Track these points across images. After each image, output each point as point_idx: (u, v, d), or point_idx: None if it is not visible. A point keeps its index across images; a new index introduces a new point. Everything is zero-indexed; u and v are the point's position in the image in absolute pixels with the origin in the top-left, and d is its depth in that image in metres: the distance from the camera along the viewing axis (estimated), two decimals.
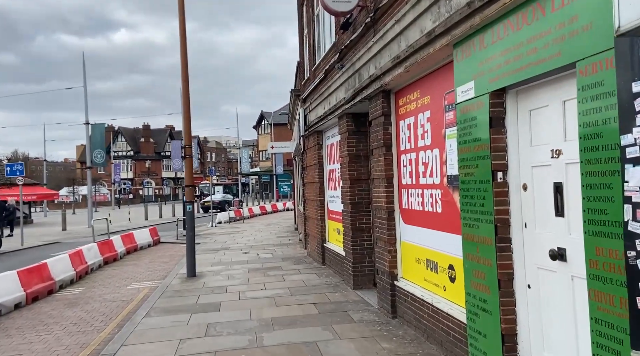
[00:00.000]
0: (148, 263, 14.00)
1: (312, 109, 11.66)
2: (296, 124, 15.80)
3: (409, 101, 6.39)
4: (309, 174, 12.97)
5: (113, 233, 24.97)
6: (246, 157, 59.11)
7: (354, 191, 8.87)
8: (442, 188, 5.48)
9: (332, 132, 10.88)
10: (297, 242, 16.73)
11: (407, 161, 6.51)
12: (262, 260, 12.93)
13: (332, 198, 11.01)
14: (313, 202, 12.54)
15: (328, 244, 11.35)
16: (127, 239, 16.31)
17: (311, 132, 12.07)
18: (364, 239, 8.86)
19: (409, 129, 6.42)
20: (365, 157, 8.90)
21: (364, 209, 8.88)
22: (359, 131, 8.91)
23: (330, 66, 9.44)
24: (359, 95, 7.76)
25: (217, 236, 20.12)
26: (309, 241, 13.33)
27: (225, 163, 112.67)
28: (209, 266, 12.22)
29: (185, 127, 11.12)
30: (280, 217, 31.05)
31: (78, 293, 10.09)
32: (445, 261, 5.46)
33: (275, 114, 66.76)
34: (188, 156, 11.16)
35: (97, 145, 29.69)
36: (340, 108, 8.95)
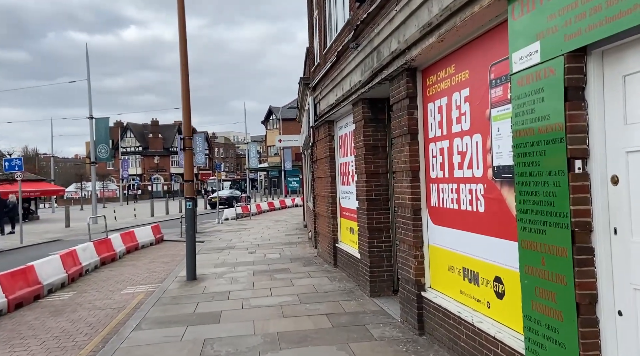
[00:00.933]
0: (148, 263, 13.12)
1: (323, 97, 10.65)
2: (305, 115, 14.81)
3: (440, 79, 5.37)
4: (320, 168, 11.98)
5: (117, 230, 24.23)
6: (254, 153, 58.19)
7: (371, 186, 7.87)
8: (486, 182, 4.47)
9: (345, 121, 9.87)
10: (306, 241, 15.77)
11: (437, 150, 5.50)
12: (269, 261, 11.98)
13: (345, 193, 10.02)
14: (324, 198, 11.56)
15: (340, 244, 10.37)
16: (127, 237, 15.45)
17: (322, 122, 11.07)
18: (382, 241, 7.86)
19: (439, 112, 5.41)
20: (383, 148, 7.90)
21: (382, 206, 7.88)
22: (377, 118, 7.90)
23: (344, 47, 8.43)
24: (377, 76, 6.74)
25: (222, 234, 19.23)
26: (320, 240, 12.37)
27: (233, 159, 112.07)
28: (212, 268, 11.30)
29: (184, 118, 10.17)
30: (288, 213, 30.13)
31: (67, 299, 9.20)
32: (489, 272, 4.46)
33: (284, 108, 65.85)
34: (187, 149, 10.22)
35: (102, 140, 28.94)
36: (355, 93, 7.94)
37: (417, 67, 5.82)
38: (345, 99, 8.60)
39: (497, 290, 4.33)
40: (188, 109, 10.19)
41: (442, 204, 5.42)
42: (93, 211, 29.34)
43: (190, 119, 10.25)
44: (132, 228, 23.25)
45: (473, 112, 4.68)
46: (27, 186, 35.70)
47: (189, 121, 10.25)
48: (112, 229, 24.55)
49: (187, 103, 10.17)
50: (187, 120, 10.21)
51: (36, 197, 38.24)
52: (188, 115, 10.20)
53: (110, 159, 30.46)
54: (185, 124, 10.21)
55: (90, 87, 28.59)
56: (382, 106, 7.89)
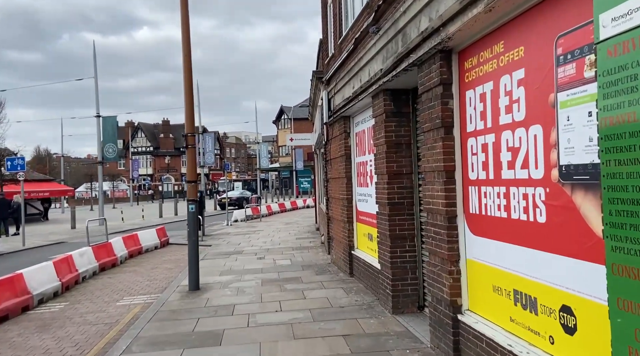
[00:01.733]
0: (150, 269, 12.34)
1: (338, 91, 9.77)
2: (318, 112, 13.94)
3: (483, 61, 4.46)
4: (334, 168, 11.10)
5: (123, 232, 23.57)
6: (265, 153, 57.44)
7: (393, 188, 6.97)
8: (549, 186, 3.55)
9: (362, 116, 8.98)
10: (318, 245, 14.90)
11: (478, 146, 4.59)
12: (278, 268, 11.12)
13: (363, 196, 9.12)
14: (338, 201, 10.67)
15: (357, 251, 9.48)
16: (130, 241, 14.70)
17: (336, 118, 10.19)
18: (406, 250, 6.95)
19: (482, 100, 4.50)
20: (407, 145, 6.99)
21: (405, 211, 6.97)
22: (400, 112, 6.99)
23: (362, 33, 7.54)
24: (402, 62, 5.84)
25: (231, 237, 18.42)
26: (333, 246, 11.48)
27: (245, 159, 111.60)
28: (217, 276, 10.46)
29: (187, 114, 9.35)
30: (300, 215, 29.28)
31: (57, 311, 8.43)
32: (553, 299, 3.54)
33: (295, 108, 65.08)
34: (190, 147, 9.40)
35: (109, 139, 28.33)
36: (375, 83, 7.05)
37: (453, 49, 4.91)
38: (364, 91, 7.71)
39: (565, 323, 3.42)
40: (191, 105, 9.37)
41: (484, 211, 4.51)
42: (100, 212, 28.73)
43: (193, 115, 9.44)
44: (139, 230, 22.57)
45: (530, 99, 3.76)
46: (35, 187, 35.34)
47: (192, 117, 9.43)
48: (118, 232, 23.93)
49: (190, 98, 9.35)
50: (190, 116, 9.39)
51: (44, 198, 37.82)
52: (191, 111, 9.39)
53: (118, 158, 29.86)
54: (188, 121, 9.39)
55: (97, 85, 28.01)
56: (406, 98, 6.98)
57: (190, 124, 9.41)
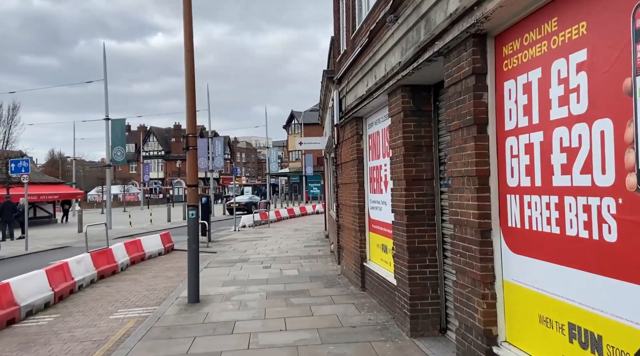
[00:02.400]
0: (150, 278, 11.68)
1: (350, 90, 9.06)
2: (328, 114, 13.25)
3: (528, 44, 3.73)
4: (345, 173, 10.37)
5: (129, 236, 23.03)
6: (275, 157, 56.92)
7: (412, 196, 6.22)
8: (623, 195, 2.80)
9: (376, 117, 8.26)
10: (328, 254, 14.15)
11: (520, 147, 3.85)
12: (285, 279, 10.40)
13: (376, 203, 8.39)
14: (349, 208, 9.94)
15: (369, 263, 8.73)
16: (132, 247, 14.09)
17: (348, 119, 9.47)
18: (427, 265, 6.20)
19: (526, 91, 3.76)
20: (428, 147, 6.25)
21: (425, 221, 6.22)
22: (420, 110, 6.26)
23: (378, 24, 6.83)
24: (425, 52, 5.12)
25: (237, 243, 17.75)
26: (344, 256, 10.73)
27: (255, 164, 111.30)
28: (219, 287, 9.77)
29: (188, 113, 8.69)
30: (309, 221, 28.56)
31: (45, 324, 7.78)
32: (627, 340, 2.78)
33: (306, 113, 64.51)
34: (192, 148, 8.74)
35: (117, 142, 27.94)
36: (392, 79, 6.33)
37: (488, 32, 4.18)
38: (379, 88, 6.99)
39: None
40: (193, 104, 8.72)
41: (528, 224, 3.75)
42: (108, 215, 28.28)
43: (194, 116, 8.78)
44: (145, 235, 22.01)
45: (595, 86, 3.02)
46: (45, 189, 35.06)
47: (194, 118, 8.77)
48: (124, 236, 23.39)
49: (192, 97, 8.70)
50: (192, 116, 8.73)
51: (53, 201, 37.54)
52: (193, 111, 8.74)
53: (126, 162, 29.49)
54: (189, 121, 8.73)
55: (106, 88, 27.63)
56: (427, 95, 6.25)
57: (192, 124, 8.75)
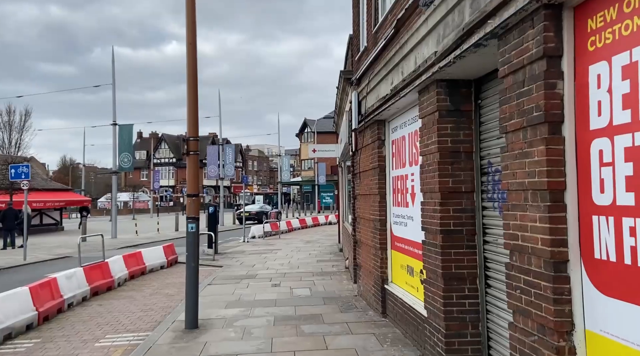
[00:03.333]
0: (148, 295, 10.73)
1: (372, 90, 8.09)
2: (344, 119, 12.30)
3: (628, 13, 2.72)
4: (363, 183, 9.37)
5: (134, 246, 22.21)
6: (287, 166, 56.04)
7: (448, 212, 5.20)
8: None
9: (402, 119, 7.27)
10: (342, 270, 13.10)
11: (616, 151, 2.83)
12: (296, 301, 9.38)
13: (400, 218, 7.37)
14: (368, 222, 8.93)
15: (392, 286, 7.69)
16: (131, 260, 13.17)
17: (369, 123, 8.49)
18: (466, 295, 5.15)
19: (626, 76, 2.75)
20: (467, 154, 5.24)
21: (464, 241, 5.19)
22: (458, 110, 5.25)
23: (408, 11, 5.89)
24: (472, 35, 4.14)
25: (245, 256, 16.78)
26: (361, 275, 9.69)
27: (267, 172, 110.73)
28: (222, 309, 8.79)
29: (190, 114, 7.78)
30: (321, 232, 27.51)
31: (22, 352, 6.85)
32: None
33: (319, 121, 63.70)
34: (192, 153, 7.80)
35: (125, 148, 27.22)
36: (424, 73, 5.34)
37: (564, 3, 3.18)
38: (408, 86, 6.00)
39: None
40: (195, 103, 7.81)
41: (630, 258, 2.72)
42: (113, 224, 27.56)
43: (197, 116, 7.86)
44: (151, 245, 21.15)
45: None
46: (51, 196, 34.51)
47: (196, 119, 7.86)
48: (129, 246, 22.57)
49: (194, 95, 7.80)
50: (194, 117, 7.82)
51: (61, 207, 36.99)
52: (195, 111, 7.82)
53: (133, 168, 28.76)
54: (191, 121, 7.81)
55: (114, 93, 27.02)
56: (467, 91, 5.25)
57: (193, 126, 7.83)
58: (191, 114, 7.76)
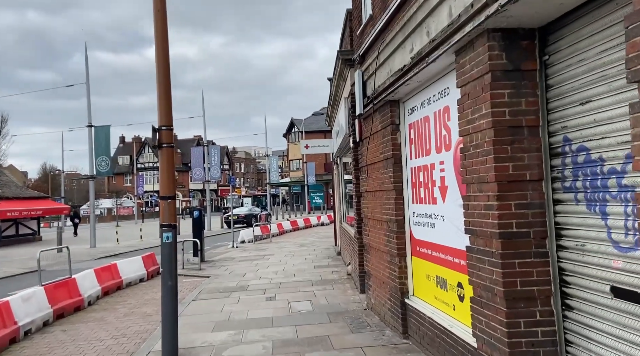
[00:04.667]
0: (123, 316, 9.23)
1: (382, 64, 6.70)
2: (342, 108, 10.90)
3: None
4: (372, 177, 7.98)
5: (115, 256, 20.60)
6: (275, 167, 54.50)
7: (508, 208, 3.83)
8: None
9: (424, 97, 5.90)
10: (344, 278, 11.71)
11: None
12: (295, 318, 7.97)
13: (424, 217, 6.00)
14: (380, 223, 7.55)
15: (415, 301, 6.31)
16: (105, 274, 11.64)
17: (378, 105, 7.11)
18: (538, 321, 3.78)
19: None
20: (532, 129, 3.87)
21: (532, 248, 3.82)
22: (518, 70, 3.88)
23: None
24: None
25: (235, 264, 15.31)
26: (372, 285, 8.30)
27: (254, 174, 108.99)
28: (209, 332, 7.35)
29: (161, 98, 6.31)
30: (314, 234, 26.10)
31: None
32: None
33: (307, 120, 62.29)
34: (166, 146, 6.34)
35: (101, 151, 25.55)
36: (468, 23, 3.97)
37: None
38: (439, 46, 4.62)
39: None
40: (167, 87, 6.34)
41: None
42: (91, 232, 25.87)
43: (170, 101, 6.40)
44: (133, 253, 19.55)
45: None
46: (27, 205, 32.63)
47: (168, 105, 6.39)
48: (108, 256, 20.96)
49: (166, 77, 6.34)
50: (166, 103, 6.35)
51: (38, 217, 35.06)
52: (167, 95, 6.36)
53: (111, 173, 27.04)
54: (163, 108, 6.33)
55: (89, 92, 25.34)
56: (529, 44, 3.88)
57: (166, 113, 6.36)
58: (162, 97, 6.30)
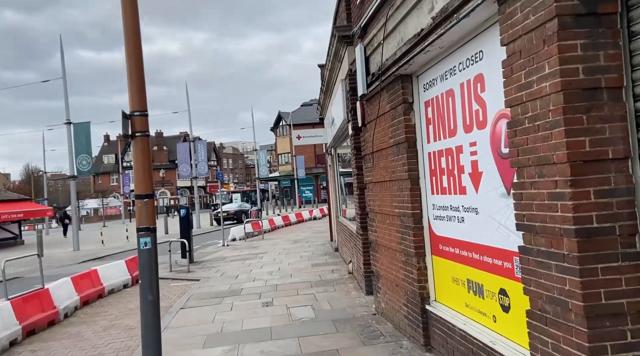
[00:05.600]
0: (102, 330, 8.23)
1: (390, 33, 5.74)
2: (338, 91, 9.93)
3: None
4: (379, 166, 7.03)
5: (98, 259, 19.50)
6: (264, 161, 53.41)
7: (586, 197, 2.91)
8: None
9: (446, 67, 4.95)
10: (346, 276, 10.80)
11: None
12: (297, 328, 7.04)
13: (447, 210, 5.08)
14: (389, 217, 6.62)
15: (438, 307, 5.41)
16: (84, 281, 10.60)
17: (386, 82, 6.15)
18: (629, 344, 2.88)
19: None
20: (615, 91, 2.95)
21: (618, 248, 2.92)
22: (594, 14, 2.95)
23: None
24: None
25: (226, 264, 14.33)
26: (381, 287, 7.38)
27: (242, 169, 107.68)
28: (199, 349, 6.40)
29: (131, 80, 5.28)
30: (308, 229, 25.19)
31: None
32: None
33: (295, 113, 61.15)
34: (140, 135, 5.32)
35: (82, 149, 24.30)
36: None
37: None
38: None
39: None
40: (139, 66, 5.32)
41: None
42: (74, 234, 24.65)
43: (143, 81, 5.37)
44: (117, 256, 18.54)
45: None
46: (6, 208, 31.21)
47: (142, 85, 5.36)
48: (92, 259, 19.84)
49: (137, 47, 5.31)
50: (138, 84, 5.32)
51: (20, 220, 33.63)
52: (139, 76, 5.33)
53: (92, 172, 25.81)
54: (134, 89, 5.30)
55: (66, 87, 24.03)
56: None
57: (139, 96, 5.32)
58: (134, 76, 5.27)
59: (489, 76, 4.11)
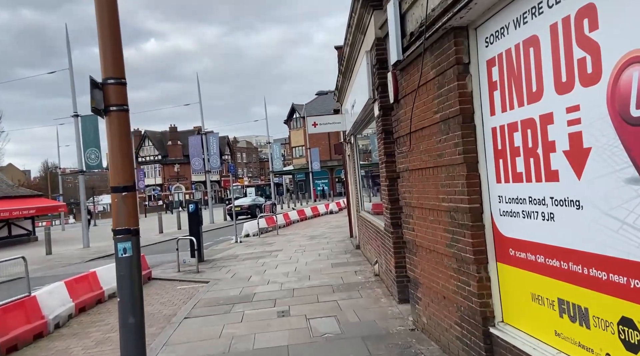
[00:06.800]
0: (93, 346, 7.09)
1: None
2: (363, 65, 8.59)
3: None
4: (418, 150, 5.71)
5: (109, 256, 18.55)
6: (278, 154, 52.20)
7: None
8: None
9: (525, 5, 3.61)
10: (372, 279, 9.51)
11: None
12: (319, 349, 5.78)
13: (529, 203, 3.76)
14: (433, 213, 5.32)
15: (511, 333, 4.09)
16: (81, 285, 9.50)
17: (431, 40, 4.82)
18: None
19: None
20: None
21: None
22: None
23: None
24: None
25: (238, 264, 13.16)
26: (421, 298, 6.09)
27: (256, 163, 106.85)
28: None
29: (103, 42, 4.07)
30: (325, 224, 23.95)
31: None
32: None
33: (309, 104, 59.83)
34: (116, 108, 4.10)
35: (90, 143, 23.32)
36: None
37: None
38: None
39: None
40: (114, 16, 4.10)
41: None
42: (84, 232, 23.75)
43: (119, 46, 4.15)
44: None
45: None
46: (19, 204, 30.55)
47: (118, 45, 4.14)
48: (102, 256, 18.90)
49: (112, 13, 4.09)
50: (113, 48, 4.10)
51: (32, 216, 32.94)
52: (115, 39, 4.11)
53: (101, 166, 24.84)
54: (108, 50, 4.08)
55: (72, 79, 23.07)
56: None
57: (113, 59, 4.10)
58: (107, 34, 4.05)
59: (605, 4, 2.78)
